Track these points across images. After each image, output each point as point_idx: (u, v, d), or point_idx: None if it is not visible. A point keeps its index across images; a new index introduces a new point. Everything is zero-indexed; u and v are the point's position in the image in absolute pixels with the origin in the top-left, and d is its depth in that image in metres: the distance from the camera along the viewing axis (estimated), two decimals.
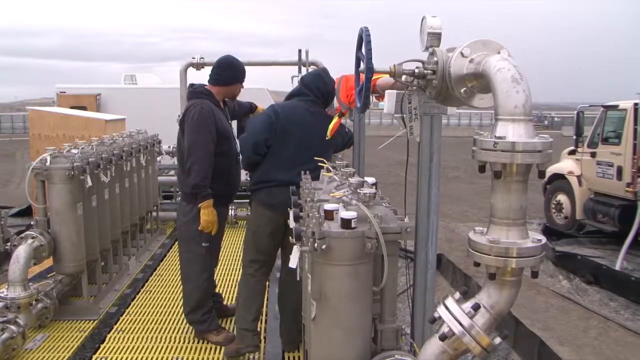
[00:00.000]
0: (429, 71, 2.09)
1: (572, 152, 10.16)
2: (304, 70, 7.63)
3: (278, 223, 3.60)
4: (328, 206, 2.30)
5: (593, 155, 9.55)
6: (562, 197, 10.33)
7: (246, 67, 4.14)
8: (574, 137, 9.98)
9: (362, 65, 2.16)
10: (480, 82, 1.98)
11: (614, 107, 9.45)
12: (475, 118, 46.92)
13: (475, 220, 11.85)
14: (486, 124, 45.45)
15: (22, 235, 4.14)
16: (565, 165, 10.14)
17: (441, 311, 1.89)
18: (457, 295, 1.91)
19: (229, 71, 4.02)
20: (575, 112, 10.20)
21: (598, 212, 9.37)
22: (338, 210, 2.29)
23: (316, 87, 3.72)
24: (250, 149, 3.63)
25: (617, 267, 7.72)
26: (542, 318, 6.28)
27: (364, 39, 2.10)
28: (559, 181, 10.25)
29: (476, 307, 1.81)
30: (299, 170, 3.28)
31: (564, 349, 5.44)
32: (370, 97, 2.56)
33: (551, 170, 10.16)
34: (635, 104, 8.84)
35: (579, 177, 9.88)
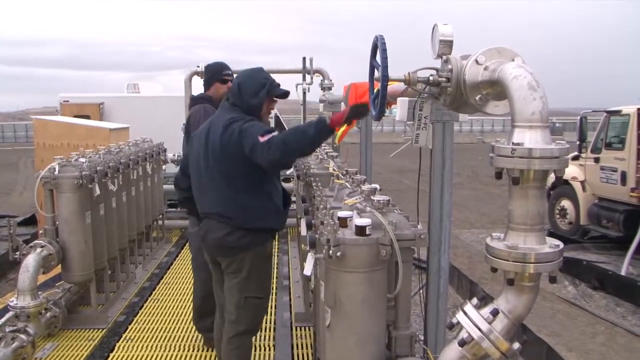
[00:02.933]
0: (444, 79, 2.10)
1: (575, 158, 10.15)
2: (308, 78, 7.65)
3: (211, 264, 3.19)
4: (342, 213, 2.30)
5: (597, 160, 9.54)
6: (566, 203, 10.32)
7: None
8: (578, 143, 9.97)
9: (377, 73, 2.17)
10: (496, 89, 2.00)
11: (617, 112, 9.45)
12: (476, 125, 46.91)
13: (478, 226, 11.83)
14: (487, 130, 45.36)
15: (31, 244, 4.14)
16: (569, 170, 10.12)
17: (460, 317, 1.89)
18: (475, 301, 1.91)
19: (206, 74, 4.09)
20: (579, 117, 10.20)
21: (602, 217, 9.35)
22: (352, 217, 2.29)
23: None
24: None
25: (623, 273, 7.69)
26: (549, 324, 6.26)
27: (379, 47, 2.11)
28: (562, 187, 10.22)
29: (495, 313, 1.82)
30: (208, 195, 2.99)
31: (571, 355, 5.43)
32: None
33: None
34: (639, 109, 8.85)
35: (582, 182, 9.87)
